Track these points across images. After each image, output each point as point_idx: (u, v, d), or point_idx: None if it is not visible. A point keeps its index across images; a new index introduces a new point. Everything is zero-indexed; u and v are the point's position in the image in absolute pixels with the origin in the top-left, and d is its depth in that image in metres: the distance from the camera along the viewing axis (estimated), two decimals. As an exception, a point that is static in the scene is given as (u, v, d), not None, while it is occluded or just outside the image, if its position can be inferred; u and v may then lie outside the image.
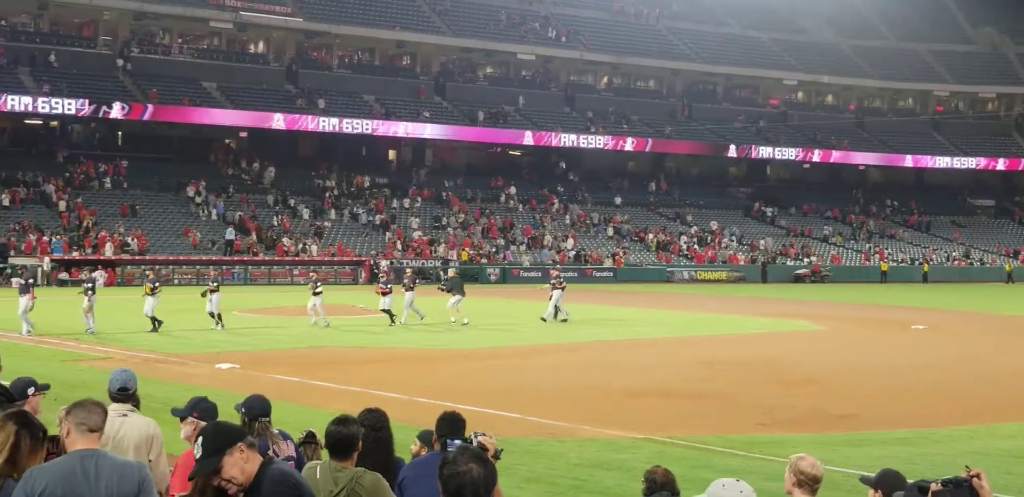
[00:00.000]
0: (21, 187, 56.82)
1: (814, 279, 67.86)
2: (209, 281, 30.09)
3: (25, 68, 60.24)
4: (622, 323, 34.13)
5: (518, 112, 74.85)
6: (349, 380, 19.41)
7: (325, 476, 5.69)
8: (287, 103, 66.47)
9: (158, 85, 62.25)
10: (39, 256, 50.06)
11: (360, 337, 28.15)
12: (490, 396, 17.52)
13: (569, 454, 13.15)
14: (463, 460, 4.05)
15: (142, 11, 63.84)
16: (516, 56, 76.97)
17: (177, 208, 60.24)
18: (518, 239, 66.71)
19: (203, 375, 19.87)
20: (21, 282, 26.76)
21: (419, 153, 74.97)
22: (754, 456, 13.17)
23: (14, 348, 22.51)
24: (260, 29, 69.19)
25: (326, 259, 57.54)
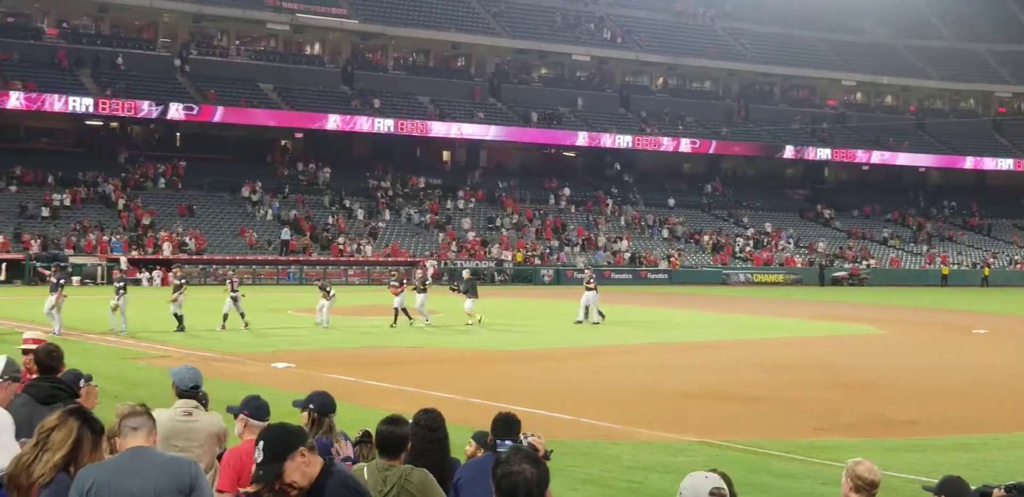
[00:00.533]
0: (82, 187, 57.66)
1: (852, 282, 66.80)
2: (227, 282, 29.88)
3: (86, 70, 61.14)
4: (677, 325, 33.88)
5: (573, 113, 74.73)
6: (403, 380, 19.44)
7: (373, 475, 5.71)
8: (342, 104, 66.89)
9: (216, 86, 62.94)
10: (99, 255, 50.75)
11: (415, 337, 28.19)
12: (544, 397, 17.45)
13: (623, 456, 13.06)
14: (516, 460, 4.05)
15: (201, 13, 64.58)
16: (571, 57, 76.87)
17: (234, 208, 60.83)
18: (572, 240, 66.58)
19: (259, 374, 19.98)
20: (53, 280, 26.87)
21: (473, 154, 75.10)
22: (811, 460, 13.03)
23: (75, 346, 22.80)
24: (316, 31, 69.72)
25: (380, 259, 57.79)
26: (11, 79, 55.70)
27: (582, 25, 78.82)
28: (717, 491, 4.43)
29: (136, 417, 5.19)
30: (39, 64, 59.15)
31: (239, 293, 28.81)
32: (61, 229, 52.87)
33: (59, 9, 63.47)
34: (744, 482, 8.97)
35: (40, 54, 60.33)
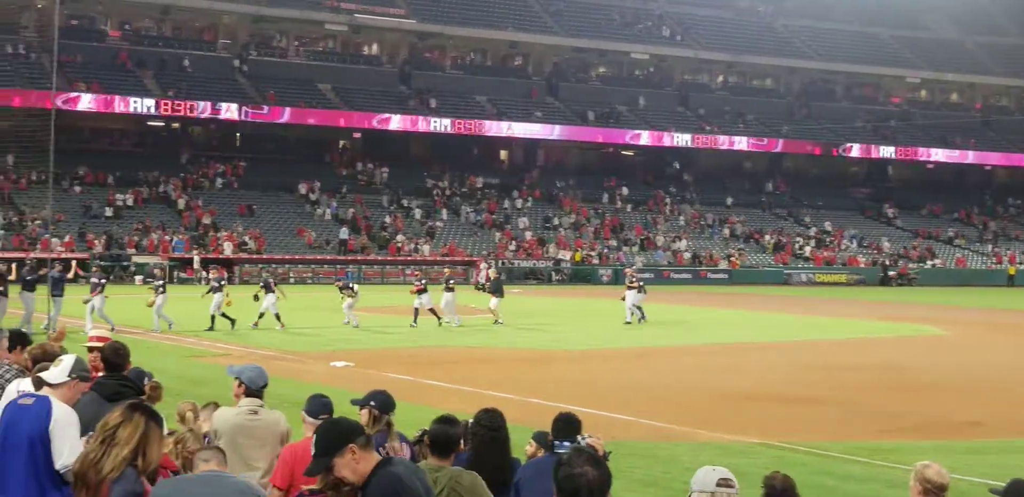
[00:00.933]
0: (144, 187, 58.42)
1: (901, 282, 65.68)
2: (262, 282, 29.85)
3: (148, 71, 61.95)
4: (737, 326, 33.55)
5: (631, 112, 74.42)
6: (461, 380, 19.43)
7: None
8: (400, 104, 67.16)
9: (275, 87, 63.49)
10: (161, 255, 51.39)
11: (473, 337, 28.19)
12: (603, 398, 17.34)
13: (683, 458, 12.95)
14: (579, 462, 4.03)
15: (260, 15, 65.18)
16: (629, 55, 76.56)
17: (293, 208, 61.30)
18: (630, 240, 66.29)
19: (318, 372, 20.06)
20: (95, 280, 27.02)
21: (531, 153, 75.06)
22: (876, 463, 12.85)
23: (137, 344, 23.01)
24: (374, 31, 70.07)
25: (438, 259, 57.92)
26: (75, 81, 56.56)
27: (641, 23, 78.47)
28: (724, 482, 4.37)
29: (207, 451, 5.56)
30: (102, 66, 60.04)
31: (275, 293, 28.83)
32: (124, 229, 53.62)
33: (122, 11, 64.40)
34: (807, 484, 8.80)
35: (103, 56, 61.25)
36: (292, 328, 28.42)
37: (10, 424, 5.94)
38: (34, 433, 5.82)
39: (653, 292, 35.90)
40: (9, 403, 6.13)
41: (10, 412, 6.01)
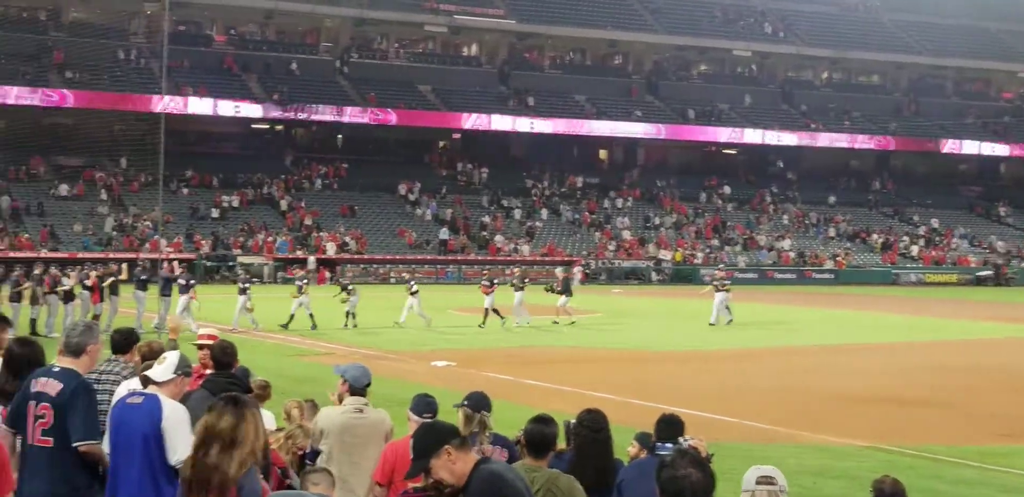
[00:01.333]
0: (249, 189, 59.53)
1: (997, 282, 63.44)
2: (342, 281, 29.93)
3: (252, 75, 63.13)
4: (844, 326, 32.89)
5: (733, 110, 73.57)
6: (562, 380, 19.36)
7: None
8: (499, 104, 67.36)
9: (376, 89, 64.17)
10: (265, 255, 52.29)
11: (573, 337, 28.09)
12: (705, 399, 17.14)
13: (788, 460, 12.69)
14: (683, 464, 3.97)
15: (362, 17, 65.93)
16: (731, 53, 75.71)
17: (393, 209, 61.87)
18: (732, 239, 65.52)
19: (420, 372, 20.16)
20: (183, 282, 27.37)
21: (631, 152, 74.67)
22: (988, 467, 12.51)
23: (243, 343, 23.36)
24: (473, 32, 70.41)
25: (537, 259, 57.93)
26: (183, 85, 57.87)
27: (742, 20, 77.54)
28: (765, 479, 4.25)
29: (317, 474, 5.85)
30: (208, 70, 61.32)
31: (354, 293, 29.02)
32: (229, 230, 54.68)
33: (227, 17, 65.75)
34: (916, 488, 8.58)
35: (209, 61, 62.57)
36: (395, 328, 28.63)
37: (121, 423, 6.02)
38: (147, 430, 5.90)
39: (756, 292, 35.47)
40: (117, 403, 6.21)
41: (119, 412, 6.09)
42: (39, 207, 53.32)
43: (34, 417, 6.27)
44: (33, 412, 6.28)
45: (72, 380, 6.43)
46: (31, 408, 6.29)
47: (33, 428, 6.27)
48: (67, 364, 6.53)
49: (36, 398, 6.31)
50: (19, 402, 6.37)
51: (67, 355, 6.57)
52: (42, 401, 6.29)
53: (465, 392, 7.13)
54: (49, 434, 6.24)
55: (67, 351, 6.57)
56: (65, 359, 6.55)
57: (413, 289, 29.45)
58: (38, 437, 6.28)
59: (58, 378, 6.38)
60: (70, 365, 6.53)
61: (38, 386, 6.33)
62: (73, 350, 6.56)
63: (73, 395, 6.30)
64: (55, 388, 6.32)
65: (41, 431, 6.26)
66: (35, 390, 6.33)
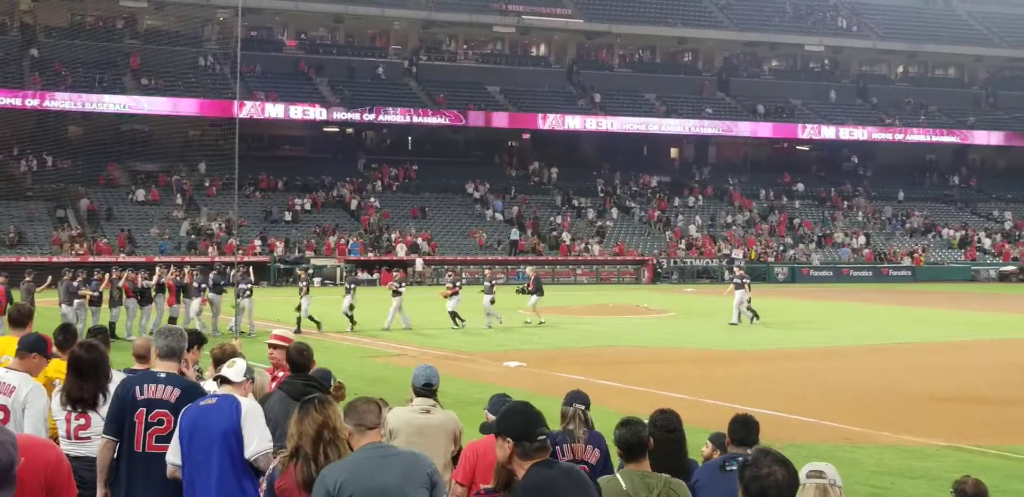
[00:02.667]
0: (321, 192, 60.07)
1: (1022, 277, 61.52)
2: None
3: (323, 79, 63.72)
4: (922, 324, 32.27)
5: (805, 105, 72.65)
6: (635, 380, 19.21)
7: (634, 482, 5.51)
8: (568, 104, 67.24)
9: (445, 90, 64.41)
10: (338, 257, 52.72)
11: (645, 337, 27.89)
12: (781, 398, 16.90)
13: (867, 461, 12.57)
14: (766, 463, 3.92)
15: (430, 20, 66.26)
16: (803, 48, 74.79)
17: (463, 210, 62.06)
18: (807, 237, 64.70)
19: (492, 372, 20.15)
20: (196, 285, 27.46)
21: (701, 150, 74.12)
22: (1077, 469, 12.10)
23: (317, 344, 23.58)
24: (542, 32, 70.36)
25: (608, 259, 57.74)
26: (255, 90, 58.58)
27: (815, 14, 76.57)
28: (815, 473, 4.20)
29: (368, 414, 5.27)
30: (280, 75, 62.01)
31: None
32: (303, 232, 55.21)
33: (298, 21, 66.45)
34: (999, 489, 8.37)
35: (281, 65, 63.28)
36: (469, 328, 28.66)
37: (197, 425, 6.05)
38: (227, 427, 5.98)
39: (832, 290, 34.92)
40: (189, 407, 6.21)
41: (195, 414, 6.12)
42: (114, 212, 54.35)
43: (145, 424, 6.28)
44: (144, 419, 6.28)
45: (188, 386, 6.51)
46: (141, 415, 6.28)
47: (145, 435, 6.29)
48: (170, 369, 6.56)
49: (147, 405, 6.30)
50: (120, 410, 6.32)
51: (167, 360, 6.60)
52: (157, 407, 6.32)
53: (537, 392, 7.09)
54: (167, 440, 6.23)
55: (167, 356, 6.60)
56: (167, 364, 6.58)
57: (400, 289, 28.68)
58: (152, 444, 6.29)
59: (172, 384, 6.42)
60: (173, 370, 6.58)
61: (148, 393, 6.33)
62: (173, 355, 6.62)
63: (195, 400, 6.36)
64: (173, 394, 6.35)
65: (156, 438, 6.29)
66: (144, 397, 6.32)
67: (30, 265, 34.67)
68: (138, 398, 6.33)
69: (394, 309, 28.34)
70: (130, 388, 6.39)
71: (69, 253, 48.21)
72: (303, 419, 5.44)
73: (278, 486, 5.57)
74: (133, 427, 6.30)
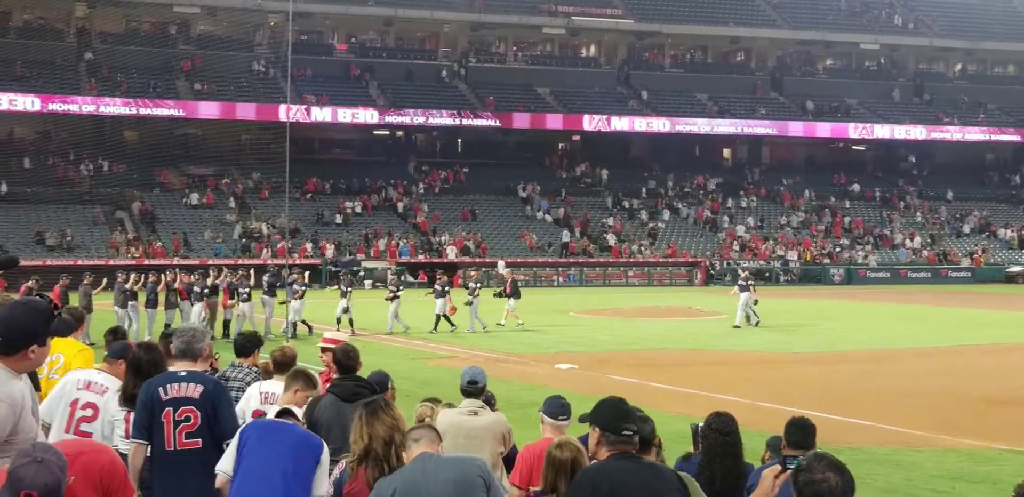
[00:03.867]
0: (371, 195, 60.30)
1: None
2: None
3: (373, 82, 63.99)
4: (982, 326, 31.65)
5: (861, 105, 71.79)
6: (688, 383, 19.01)
7: None
8: (619, 105, 66.96)
9: (494, 92, 64.40)
10: (388, 260, 52.87)
11: (698, 339, 27.65)
12: (838, 402, 16.63)
13: (926, 464, 12.40)
14: (820, 468, 3.82)
15: (479, 22, 66.33)
16: (858, 46, 73.95)
17: (514, 212, 62.02)
18: (863, 238, 63.90)
19: (543, 375, 20.07)
20: (197, 290, 27.43)
21: (755, 151, 73.51)
22: None
23: (369, 346, 23.66)
24: (592, 32, 70.17)
25: (660, 260, 57.41)
26: (305, 93, 58.95)
27: (870, 12, 75.69)
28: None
29: (416, 430, 5.40)
30: (330, 78, 62.31)
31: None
32: (353, 235, 55.44)
33: (348, 25, 66.78)
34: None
35: (331, 69, 63.60)
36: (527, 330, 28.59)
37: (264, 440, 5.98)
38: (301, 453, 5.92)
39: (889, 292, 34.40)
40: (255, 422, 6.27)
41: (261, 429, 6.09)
42: (169, 215, 54.95)
43: (173, 422, 6.34)
44: (172, 418, 6.35)
45: (209, 381, 6.58)
46: (168, 415, 6.35)
47: (175, 433, 6.34)
48: (190, 368, 6.61)
49: (173, 404, 6.38)
50: (147, 411, 6.40)
51: (186, 359, 6.67)
52: (183, 405, 6.38)
53: (589, 395, 7.01)
54: (196, 436, 6.34)
55: (186, 356, 6.68)
56: (184, 363, 6.64)
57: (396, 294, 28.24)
58: (182, 441, 6.35)
59: (194, 381, 6.47)
60: (193, 368, 6.62)
61: (172, 392, 6.40)
62: (193, 355, 6.67)
63: (217, 395, 6.47)
64: (196, 390, 6.42)
65: (185, 434, 6.35)
66: (169, 397, 6.38)
67: (87, 268, 35.00)
68: (163, 399, 6.40)
69: (391, 314, 28.14)
70: (153, 390, 6.43)
71: (125, 256, 48.81)
72: (373, 422, 5.52)
73: (347, 490, 5.56)
74: (162, 427, 6.36)
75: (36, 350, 4.43)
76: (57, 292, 24.40)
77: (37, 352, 4.44)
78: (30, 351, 4.41)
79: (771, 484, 4.56)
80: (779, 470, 4.52)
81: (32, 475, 3.65)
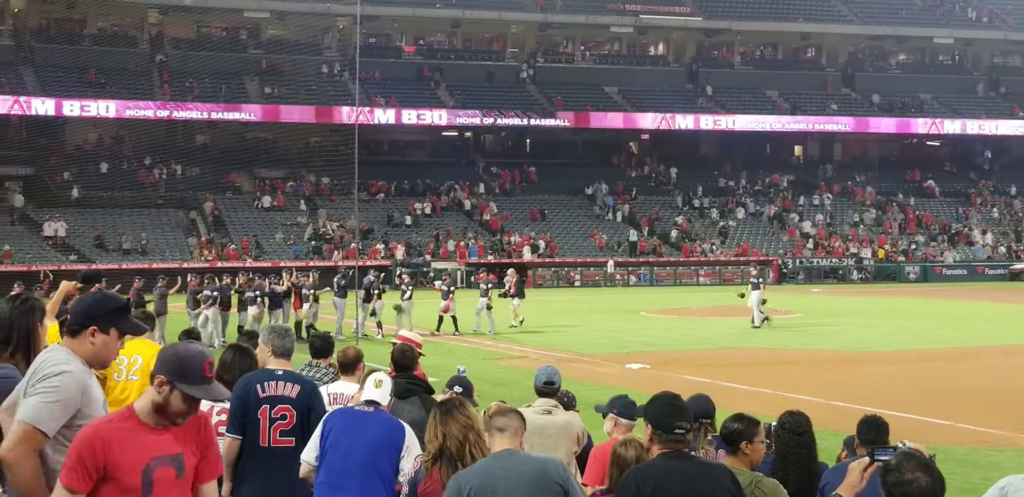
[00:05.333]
0: (440, 196, 60.50)
1: None
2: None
3: (441, 83, 64.18)
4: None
5: (935, 99, 70.50)
6: (761, 382, 18.79)
7: None
8: (688, 103, 66.46)
9: (562, 92, 64.25)
10: (458, 261, 53.00)
11: (770, 338, 27.33)
12: (915, 400, 16.32)
13: (1006, 464, 12.14)
14: (910, 468, 3.78)
15: (547, 22, 66.22)
16: (932, 41, 72.56)
17: (583, 211, 61.84)
18: (938, 235, 62.75)
19: (614, 375, 19.97)
20: (208, 293, 27.38)
21: (827, 147, 72.54)
22: None
23: (438, 348, 23.73)
24: (660, 31, 69.71)
25: (731, 259, 56.88)
26: (374, 96, 59.32)
27: (943, 6, 74.30)
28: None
29: (502, 417, 5.23)
30: (399, 80, 62.47)
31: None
32: (423, 236, 55.67)
33: (416, 27, 67.05)
34: None
35: (400, 71, 63.80)
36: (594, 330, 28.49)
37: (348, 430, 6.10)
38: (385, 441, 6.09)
39: (965, 289, 33.70)
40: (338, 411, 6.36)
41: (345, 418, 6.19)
42: (241, 218, 55.61)
43: (269, 420, 6.51)
44: (268, 415, 6.52)
45: (307, 382, 6.80)
46: (264, 412, 6.52)
47: (270, 430, 6.52)
48: (286, 366, 6.83)
49: (270, 401, 6.54)
50: (243, 407, 6.55)
51: (281, 358, 6.87)
52: (279, 403, 6.56)
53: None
54: (290, 434, 6.50)
55: (282, 354, 6.88)
56: (280, 361, 6.84)
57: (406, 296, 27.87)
58: (276, 438, 6.53)
59: (291, 381, 6.68)
60: (288, 368, 6.85)
61: (269, 390, 6.59)
62: (287, 354, 6.90)
63: (313, 396, 6.68)
64: (293, 390, 6.60)
65: (280, 432, 6.52)
66: (266, 394, 6.57)
67: (162, 271, 35.59)
68: (260, 396, 6.55)
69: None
70: (251, 386, 6.60)
71: (198, 259, 49.50)
72: (447, 421, 5.54)
73: (421, 490, 5.57)
74: (257, 424, 6.52)
75: (97, 336, 4.47)
76: (131, 294, 24.79)
77: (99, 340, 4.48)
78: (90, 334, 4.46)
79: (859, 476, 4.46)
80: (867, 462, 4.42)
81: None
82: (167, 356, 4.13)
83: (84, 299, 4.67)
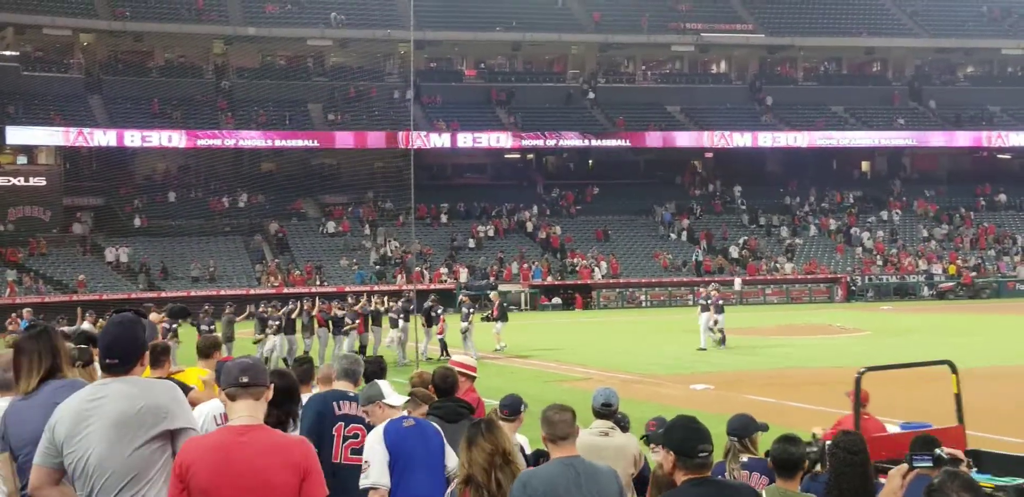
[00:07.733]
0: (503, 218, 60.51)
1: (961, 294, 55.00)
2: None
3: (503, 106, 64.33)
4: None
5: (1006, 112, 69.17)
6: (827, 401, 18.32)
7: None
8: (751, 121, 65.90)
9: (624, 112, 64.05)
10: (522, 283, 52.88)
11: (839, 357, 26.81)
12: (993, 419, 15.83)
13: None
14: (953, 487, 3.65)
15: (607, 42, 66.16)
16: (1000, 52, 71.33)
17: (647, 231, 61.49)
18: (1012, 250, 61.40)
19: (677, 396, 19.70)
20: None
21: (895, 162, 71.46)
22: None
23: (500, 369, 23.62)
24: (722, 48, 69.31)
25: (799, 277, 56.13)
26: (436, 120, 59.62)
27: (1011, 16, 73.05)
28: None
29: (559, 424, 5.54)
30: (460, 104, 62.81)
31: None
32: (487, 259, 55.66)
33: (476, 51, 67.34)
34: None
35: (461, 95, 64.14)
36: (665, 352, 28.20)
37: (404, 447, 6.33)
38: (432, 449, 6.43)
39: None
40: (394, 430, 6.49)
41: (400, 435, 6.41)
42: (306, 244, 56.11)
43: (343, 437, 6.87)
44: (342, 433, 6.95)
45: None
46: (340, 429, 6.95)
47: (342, 447, 6.87)
48: (351, 389, 7.21)
49: (344, 420, 7.00)
50: (319, 423, 6.91)
51: (348, 381, 7.28)
52: (352, 422, 6.96)
53: (722, 415, 6.89)
54: (359, 453, 6.69)
55: (349, 378, 7.28)
56: (345, 384, 7.24)
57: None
58: (347, 455, 6.89)
59: None
60: (354, 390, 7.20)
61: (344, 409, 7.00)
62: (356, 378, 7.32)
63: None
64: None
65: (351, 450, 6.88)
66: (342, 412, 6.97)
67: (229, 298, 35.92)
68: (336, 414, 6.96)
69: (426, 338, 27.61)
70: (328, 404, 7.03)
71: (265, 285, 49.95)
72: (471, 447, 5.66)
73: None
74: (332, 440, 6.87)
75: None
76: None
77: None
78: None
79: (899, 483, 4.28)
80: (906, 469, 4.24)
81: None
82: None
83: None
